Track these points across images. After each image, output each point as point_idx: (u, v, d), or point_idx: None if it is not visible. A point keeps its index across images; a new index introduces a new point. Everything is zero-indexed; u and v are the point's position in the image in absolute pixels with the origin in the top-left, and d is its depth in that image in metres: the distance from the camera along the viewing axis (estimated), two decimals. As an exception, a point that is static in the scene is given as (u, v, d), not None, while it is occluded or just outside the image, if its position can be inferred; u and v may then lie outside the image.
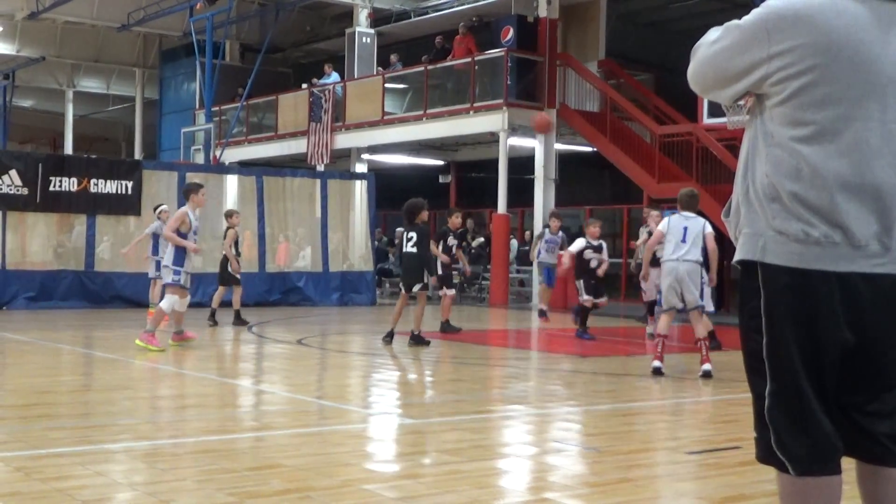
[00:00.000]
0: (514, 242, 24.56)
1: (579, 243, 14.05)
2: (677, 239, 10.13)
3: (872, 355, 2.94)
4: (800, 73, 2.83)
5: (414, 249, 12.63)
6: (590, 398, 8.99)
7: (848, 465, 2.97)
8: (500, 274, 22.87)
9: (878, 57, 2.83)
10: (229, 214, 15.53)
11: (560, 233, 17.06)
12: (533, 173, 23.21)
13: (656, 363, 10.10)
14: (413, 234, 12.66)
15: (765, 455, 2.97)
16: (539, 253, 16.60)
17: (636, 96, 23.39)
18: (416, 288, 12.65)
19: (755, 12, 2.92)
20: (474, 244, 25.09)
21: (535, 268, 22.72)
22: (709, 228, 10.16)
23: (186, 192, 12.09)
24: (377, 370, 10.91)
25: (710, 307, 11.49)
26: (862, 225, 2.83)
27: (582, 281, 13.96)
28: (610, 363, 11.59)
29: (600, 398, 8.96)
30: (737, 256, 3.02)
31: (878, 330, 2.92)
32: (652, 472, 5.89)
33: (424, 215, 12.94)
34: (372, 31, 27.42)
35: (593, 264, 13.87)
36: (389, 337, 12.78)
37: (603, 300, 14.14)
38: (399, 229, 27.55)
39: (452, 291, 14.12)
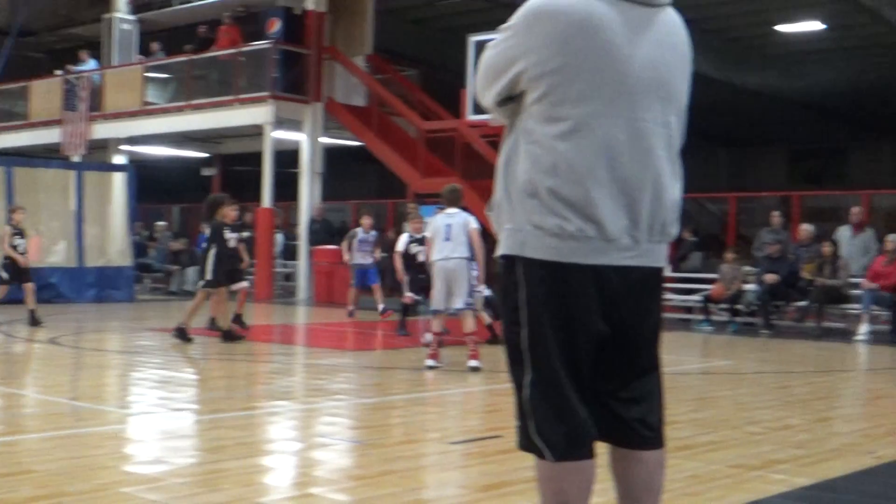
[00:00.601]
0: (280, 237, 24.32)
1: (404, 239, 13.82)
2: (441, 238, 10.13)
3: (625, 345, 3.06)
4: (553, 71, 2.93)
5: (204, 246, 12.42)
6: (355, 392, 9.01)
7: (602, 448, 3.09)
8: (265, 269, 22.60)
9: (628, 57, 2.95)
10: (13, 210, 14.84)
11: (373, 231, 16.78)
12: (299, 167, 23.07)
13: (430, 361, 10.13)
14: (207, 231, 12.41)
15: (525, 442, 3.05)
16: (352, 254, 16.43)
17: (402, 92, 23.59)
18: (199, 284, 12.42)
19: (519, 10, 3.01)
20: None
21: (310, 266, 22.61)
22: (473, 224, 10.13)
23: None
24: (136, 369, 10.56)
25: (476, 300, 11.25)
26: (613, 219, 2.94)
27: (408, 278, 13.62)
28: (376, 357, 11.66)
29: (366, 392, 8.99)
30: (499, 251, 3.09)
31: (630, 320, 3.05)
32: (416, 462, 5.95)
33: (226, 211, 12.61)
34: (132, 17, 26.50)
35: (420, 258, 13.35)
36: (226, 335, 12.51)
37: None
38: (161, 223, 26.94)
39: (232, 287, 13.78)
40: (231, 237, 13.20)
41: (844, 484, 5.44)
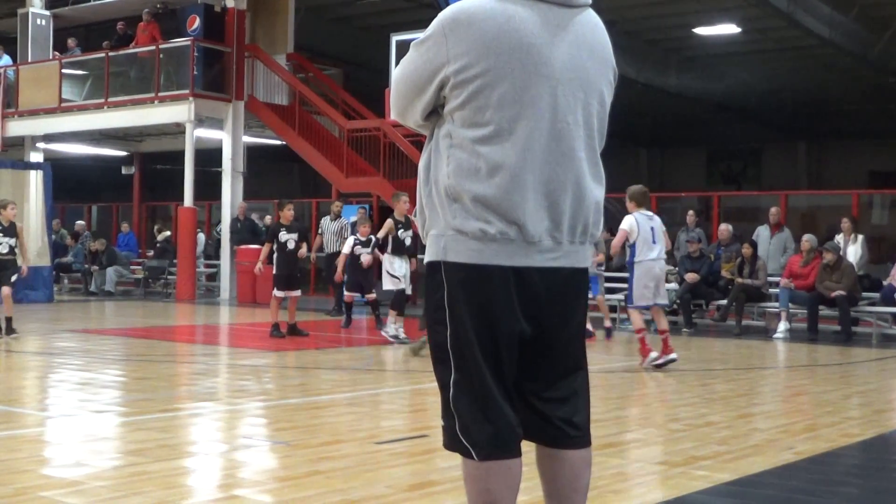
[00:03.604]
0: (202, 236, 24.04)
1: (350, 242, 14.84)
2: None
3: (548, 345, 3.08)
4: (475, 77, 2.92)
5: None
6: (279, 392, 8.95)
7: (528, 447, 3.10)
8: (187, 268, 22.34)
9: (548, 59, 2.96)
10: (3, 206, 13.46)
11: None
12: (220, 166, 22.84)
13: None
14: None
15: (450, 442, 3.05)
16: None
17: (325, 90, 23.50)
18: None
19: (434, 21, 3.00)
20: (160, 238, 24.38)
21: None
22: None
23: None
24: (56, 370, 10.36)
25: None
26: (535, 221, 2.95)
27: (352, 279, 14.77)
28: (300, 357, 11.59)
29: (290, 392, 8.93)
30: (425, 258, 3.10)
31: (553, 321, 3.06)
32: (341, 463, 5.92)
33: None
34: (47, 12, 25.98)
35: (363, 259, 14.66)
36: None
37: (372, 295, 14.86)
38: (80, 222, 26.45)
39: (297, 292, 13.72)
40: (289, 238, 13.45)
41: (765, 479, 5.55)
